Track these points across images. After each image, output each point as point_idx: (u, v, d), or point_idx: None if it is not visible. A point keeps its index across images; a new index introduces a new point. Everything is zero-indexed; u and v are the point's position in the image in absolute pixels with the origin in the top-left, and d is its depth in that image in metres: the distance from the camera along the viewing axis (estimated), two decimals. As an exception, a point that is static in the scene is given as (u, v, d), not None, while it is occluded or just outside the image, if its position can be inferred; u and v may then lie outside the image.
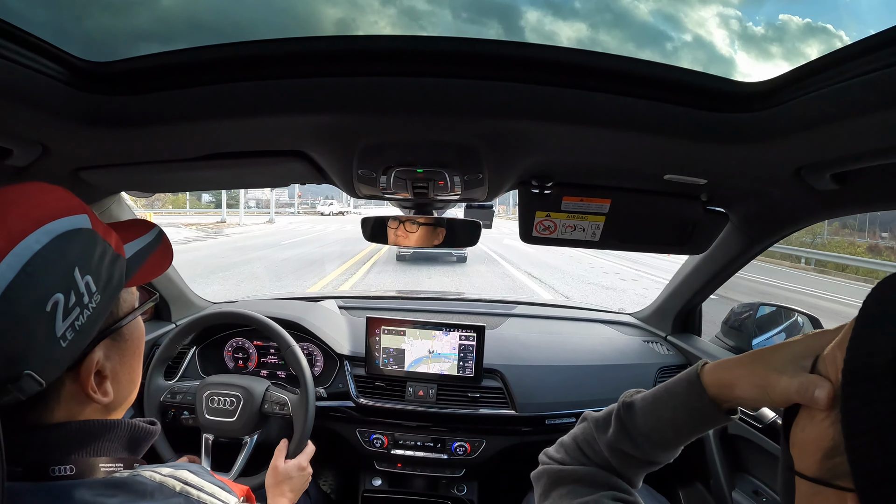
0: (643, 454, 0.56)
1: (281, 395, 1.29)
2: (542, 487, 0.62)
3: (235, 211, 30.98)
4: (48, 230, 0.44)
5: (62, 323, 0.45)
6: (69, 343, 0.46)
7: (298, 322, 1.59)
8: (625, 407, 0.58)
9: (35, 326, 0.43)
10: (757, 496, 1.31)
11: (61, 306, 0.44)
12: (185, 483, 0.54)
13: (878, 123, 0.54)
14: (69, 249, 0.46)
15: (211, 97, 0.68)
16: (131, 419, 0.57)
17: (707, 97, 0.65)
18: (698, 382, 0.52)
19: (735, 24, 60.62)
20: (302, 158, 0.91)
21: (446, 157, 0.85)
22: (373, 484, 1.62)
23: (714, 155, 0.75)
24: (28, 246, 0.43)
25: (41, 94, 0.62)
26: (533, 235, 1.16)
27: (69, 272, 0.45)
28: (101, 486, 0.49)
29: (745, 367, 0.48)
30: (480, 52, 0.63)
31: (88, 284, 0.47)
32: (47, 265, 0.44)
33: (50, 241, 0.44)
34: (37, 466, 0.48)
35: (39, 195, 0.47)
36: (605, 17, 62.55)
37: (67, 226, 0.46)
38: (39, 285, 0.43)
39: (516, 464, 1.62)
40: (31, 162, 0.80)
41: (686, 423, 0.53)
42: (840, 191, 0.77)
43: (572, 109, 0.67)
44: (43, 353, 0.44)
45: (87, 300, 0.47)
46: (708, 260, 1.40)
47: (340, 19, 50.96)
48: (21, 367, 0.43)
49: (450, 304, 2.06)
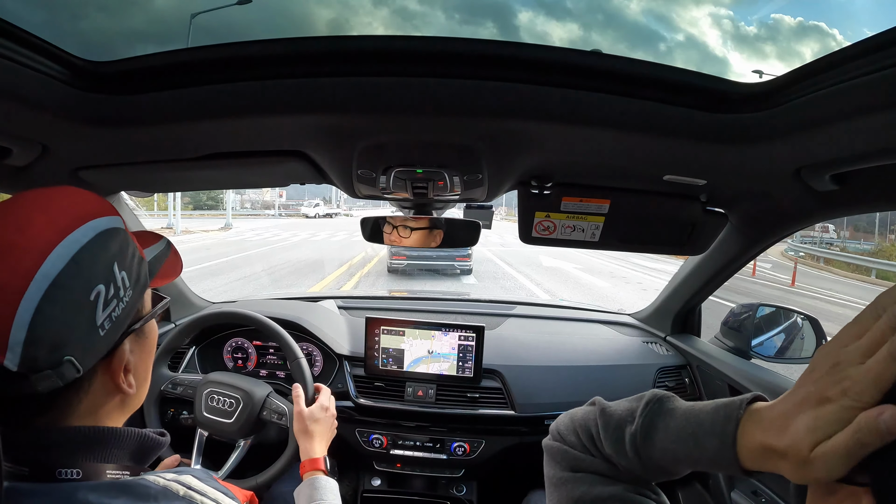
0: (644, 474, 0.52)
1: (280, 405, 1.28)
2: (558, 465, 0.59)
3: (216, 213, 29.31)
4: (93, 226, 0.49)
5: (102, 313, 0.48)
6: (106, 333, 0.49)
7: (298, 322, 1.59)
8: (643, 430, 0.50)
9: (80, 314, 0.46)
10: (756, 497, 1.31)
11: (102, 297, 0.48)
12: (188, 488, 0.54)
13: (878, 124, 0.54)
14: (110, 245, 0.50)
15: (211, 97, 0.68)
16: (141, 429, 0.57)
17: (707, 98, 0.65)
18: (732, 443, 0.42)
19: (728, 25, 60.44)
20: (301, 158, 0.91)
21: (446, 158, 0.85)
22: (372, 484, 1.62)
23: (714, 155, 0.75)
24: (76, 239, 0.46)
25: (41, 93, 0.62)
26: (532, 236, 1.17)
27: (110, 266, 0.49)
28: (106, 489, 0.49)
29: None
30: (480, 52, 0.63)
31: (124, 279, 0.51)
32: (93, 257, 0.47)
33: (95, 236, 0.48)
34: (44, 468, 0.48)
35: (78, 195, 0.51)
36: (596, 17, 61.85)
37: (107, 224, 0.50)
38: (86, 275, 0.47)
39: (515, 464, 1.62)
40: (30, 161, 0.80)
41: (703, 467, 0.47)
42: (839, 191, 0.77)
43: (572, 110, 0.67)
44: (83, 341, 0.47)
45: (123, 294, 0.51)
46: (707, 260, 1.40)
47: (333, 20, 50.19)
48: (63, 352, 0.45)
49: (449, 304, 2.06)
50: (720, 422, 0.44)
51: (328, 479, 1.02)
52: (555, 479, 0.58)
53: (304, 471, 1.04)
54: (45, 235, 0.45)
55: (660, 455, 0.49)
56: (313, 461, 1.05)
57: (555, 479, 0.58)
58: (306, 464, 1.05)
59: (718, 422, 0.44)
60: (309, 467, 1.04)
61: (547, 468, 0.61)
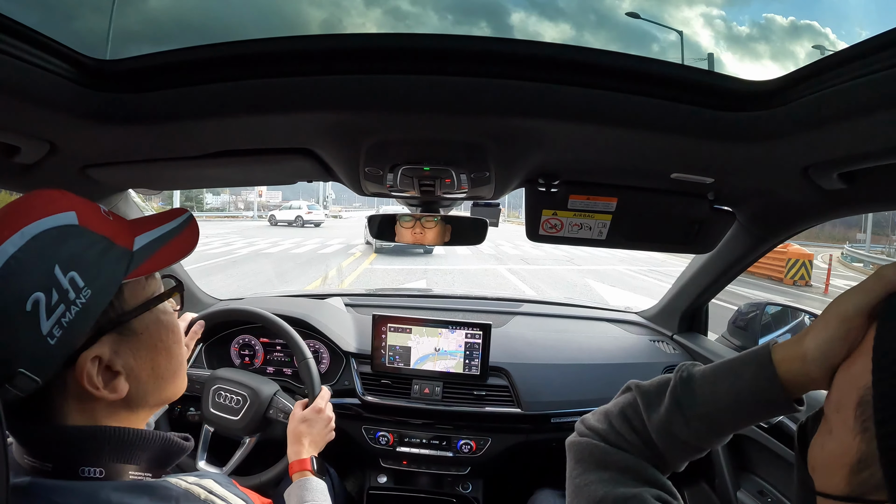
0: (694, 438, 0.52)
1: (287, 405, 1.29)
2: (581, 464, 0.58)
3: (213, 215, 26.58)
4: (24, 233, 0.45)
5: (46, 322, 0.45)
6: (58, 340, 0.46)
7: (305, 319, 1.60)
8: (682, 382, 0.53)
9: (18, 326, 0.44)
10: (762, 496, 1.31)
11: (43, 305, 0.45)
12: (209, 492, 0.55)
13: (887, 122, 0.54)
14: (46, 248, 0.46)
15: (219, 95, 0.68)
16: (167, 433, 0.57)
17: (715, 96, 0.64)
18: (769, 361, 0.47)
19: (720, 25, 59.70)
20: (309, 156, 0.91)
21: (453, 155, 0.85)
22: (378, 481, 1.62)
23: (721, 154, 0.75)
24: (4, 251, 0.44)
25: (49, 91, 0.62)
26: (539, 234, 1.17)
27: (48, 271, 0.46)
28: (128, 489, 0.49)
29: (815, 324, 0.44)
30: (489, 49, 0.63)
31: (74, 280, 0.47)
32: (22, 267, 0.44)
33: (25, 244, 0.45)
34: (67, 465, 0.49)
35: (30, 201, 0.49)
36: (588, 17, 61.23)
37: (46, 226, 0.47)
38: (16, 287, 0.44)
39: (522, 462, 1.62)
40: (38, 159, 0.81)
41: (747, 408, 0.49)
42: (847, 190, 0.77)
43: (579, 107, 0.67)
44: (31, 352, 0.45)
45: (74, 296, 0.47)
46: (715, 259, 1.39)
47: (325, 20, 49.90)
48: (13, 366, 0.44)
49: (456, 301, 2.06)
50: (752, 352, 0.49)
51: (318, 480, 1.03)
52: (577, 480, 0.57)
53: (293, 471, 1.05)
54: None
55: (700, 400, 0.51)
56: (301, 461, 1.06)
57: (577, 480, 0.57)
58: (294, 464, 1.06)
59: (751, 353, 0.49)
60: (297, 468, 1.05)
61: (570, 467, 0.60)
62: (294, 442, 1.11)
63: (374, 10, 48.06)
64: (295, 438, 1.11)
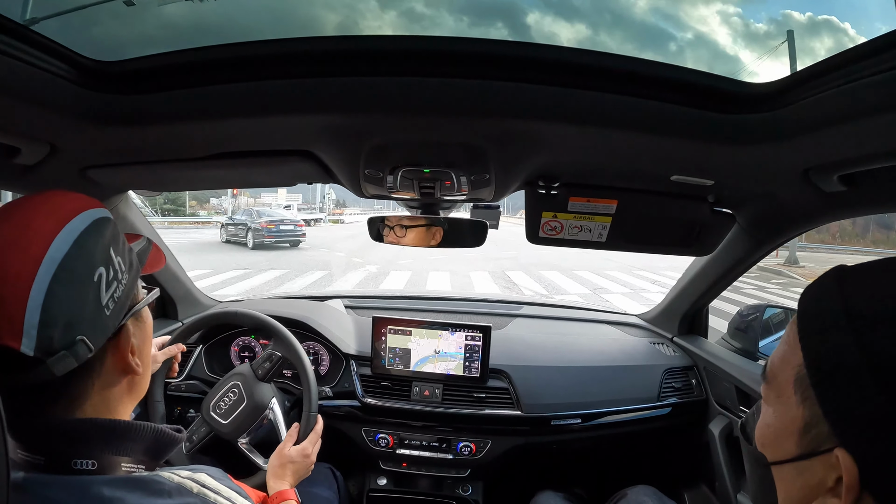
0: None
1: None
2: None
3: (176, 220, 22.57)
4: (90, 214, 0.52)
5: (105, 293, 0.51)
6: (111, 312, 0.52)
7: (305, 321, 1.59)
8: None
9: (87, 294, 0.49)
10: None
11: (104, 278, 0.51)
12: (202, 485, 0.55)
13: (887, 125, 0.54)
14: (105, 232, 0.53)
15: (219, 97, 0.68)
16: (158, 425, 0.58)
17: (715, 98, 0.64)
18: None
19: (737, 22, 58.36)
20: (309, 158, 0.91)
21: (453, 157, 0.85)
22: (378, 483, 1.62)
23: (721, 156, 0.75)
24: (76, 226, 0.50)
25: (49, 93, 0.62)
26: (539, 236, 1.16)
27: (107, 250, 0.53)
28: (121, 483, 0.50)
29: None
30: (488, 52, 0.63)
31: (120, 264, 0.54)
32: (92, 242, 0.51)
33: (91, 223, 0.52)
34: (59, 458, 0.50)
35: (69, 195, 0.54)
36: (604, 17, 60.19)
37: (100, 214, 0.54)
38: (88, 258, 0.50)
39: (522, 464, 1.62)
40: (38, 161, 0.81)
41: None
42: (848, 192, 0.77)
43: (579, 110, 0.67)
44: (93, 320, 0.50)
45: (121, 276, 0.54)
46: (715, 261, 1.39)
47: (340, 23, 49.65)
48: (75, 331, 0.48)
49: (456, 304, 2.06)
50: None
51: None
52: None
53: (275, 502, 1.05)
54: (47, 226, 0.48)
55: None
56: (282, 493, 1.05)
57: None
58: (276, 496, 1.05)
59: None
60: (279, 499, 1.04)
61: None
62: (273, 478, 1.11)
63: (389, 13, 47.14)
64: (275, 474, 1.12)
